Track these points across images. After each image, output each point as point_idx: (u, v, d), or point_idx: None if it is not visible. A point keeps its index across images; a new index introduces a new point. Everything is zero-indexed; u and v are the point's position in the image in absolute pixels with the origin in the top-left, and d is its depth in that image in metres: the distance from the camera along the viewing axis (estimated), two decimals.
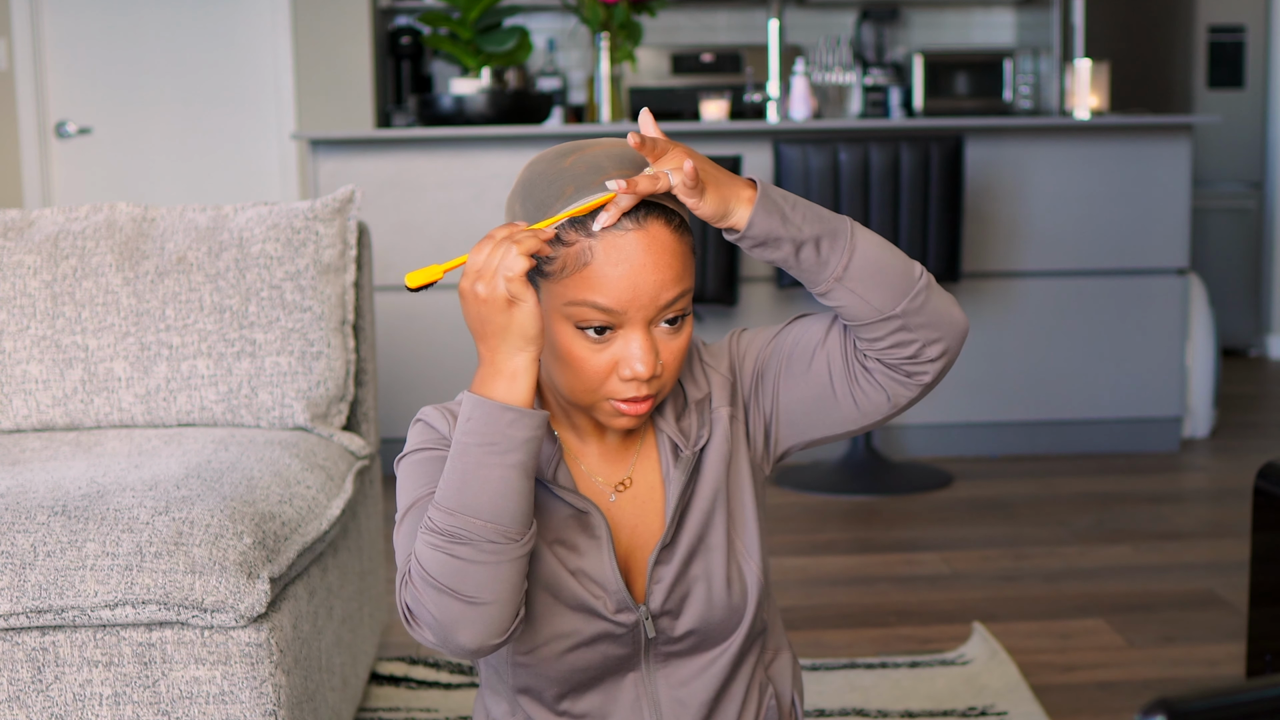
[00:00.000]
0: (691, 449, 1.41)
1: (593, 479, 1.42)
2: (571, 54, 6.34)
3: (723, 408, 1.43)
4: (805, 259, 1.32)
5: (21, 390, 2.27)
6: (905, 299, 1.33)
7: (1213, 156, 6.17)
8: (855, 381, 1.39)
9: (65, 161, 5.65)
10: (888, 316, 1.33)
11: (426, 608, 1.28)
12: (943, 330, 1.36)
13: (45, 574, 1.69)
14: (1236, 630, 2.85)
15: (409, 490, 1.38)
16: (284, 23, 5.62)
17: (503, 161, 4.24)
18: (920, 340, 1.35)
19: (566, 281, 1.30)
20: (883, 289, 1.33)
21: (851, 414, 1.41)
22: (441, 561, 1.26)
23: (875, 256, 1.33)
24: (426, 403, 4.25)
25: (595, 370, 1.32)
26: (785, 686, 1.51)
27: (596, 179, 1.30)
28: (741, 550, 1.43)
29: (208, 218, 2.35)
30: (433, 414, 1.41)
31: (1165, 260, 4.42)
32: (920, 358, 1.36)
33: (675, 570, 1.40)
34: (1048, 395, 4.45)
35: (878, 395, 1.39)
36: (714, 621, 1.42)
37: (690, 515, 1.42)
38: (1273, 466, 1.96)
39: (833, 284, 1.32)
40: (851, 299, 1.33)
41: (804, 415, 1.43)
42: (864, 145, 3.90)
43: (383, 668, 2.66)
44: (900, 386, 1.38)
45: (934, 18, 6.55)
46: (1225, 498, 3.98)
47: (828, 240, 1.32)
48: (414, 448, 1.40)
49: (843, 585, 3.20)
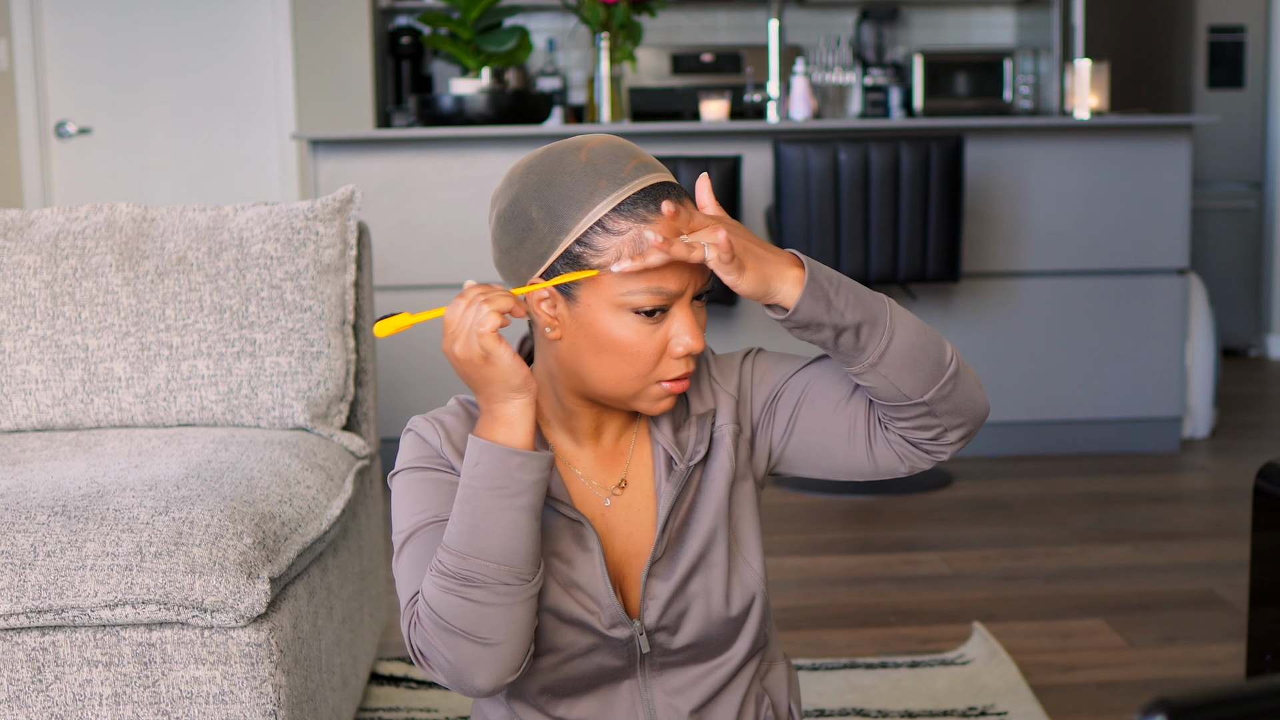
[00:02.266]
0: (685, 463, 1.41)
1: (588, 483, 1.42)
2: (571, 54, 6.34)
3: (728, 425, 1.43)
4: (844, 344, 1.33)
5: (21, 390, 2.27)
6: (935, 387, 1.35)
7: (1213, 156, 6.17)
8: (873, 444, 1.42)
9: (65, 161, 5.65)
10: (915, 402, 1.35)
11: (440, 651, 1.29)
12: (966, 416, 1.38)
13: (45, 574, 1.69)
14: (1236, 630, 2.85)
15: (404, 515, 1.39)
16: (284, 23, 5.62)
17: (503, 161, 4.24)
18: (944, 425, 1.38)
19: (612, 276, 1.31)
20: (914, 376, 1.34)
21: (865, 468, 1.44)
22: (454, 605, 1.27)
23: (911, 343, 1.34)
24: (426, 403, 4.26)
25: (649, 353, 1.33)
26: (781, 696, 1.51)
27: (625, 167, 1.31)
28: (744, 567, 1.43)
29: (208, 218, 2.35)
30: (423, 425, 1.41)
31: (1165, 260, 4.42)
32: (941, 440, 1.39)
33: (673, 587, 1.40)
34: (1047, 395, 4.45)
35: (894, 461, 1.42)
36: (713, 635, 1.42)
37: (692, 532, 1.41)
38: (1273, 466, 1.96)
39: (866, 369, 1.34)
40: (882, 383, 1.35)
41: (815, 457, 1.45)
42: (864, 145, 3.90)
43: (383, 668, 2.66)
44: (914, 458, 1.41)
45: (934, 18, 6.55)
46: (1225, 498, 3.98)
47: (868, 326, 1.32)
48: (406, 465, 1.40)
49: (843, 585, 3.20)
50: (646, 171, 1.32)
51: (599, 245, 1.30)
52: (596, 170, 1.31)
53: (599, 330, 1.32)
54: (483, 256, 4.25)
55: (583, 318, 1.33)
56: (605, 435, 1.43)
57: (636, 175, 1.31)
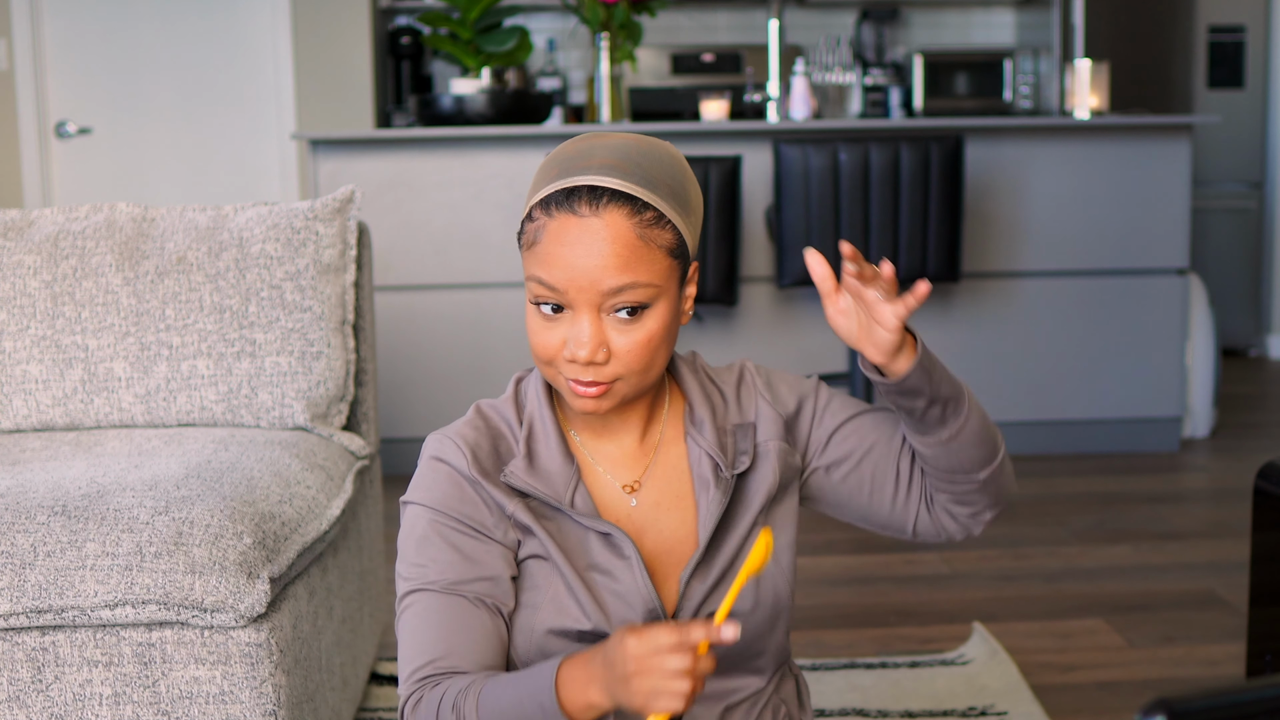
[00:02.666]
0: (730, 470, 1.41)
1: (612, 482, 1.42)
2: (571, 54, 6.34)
3: (773, 441, 1.44)
4: (931, 416, 1.37)
5: (21, 390, 2.26)
6: (990, 467, 1.42)
7: (1213, 156, 6.17)
8: (919, 512, 1.48)
9: (65, 161, 5.65)
10: (969, 478, 1.42)
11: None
12: (1001, 498, 1.46)
13: (45, 574, 1.69)
14: (1236, 630, 2.85)
15: (412, 559, 1.37)
16: (284, 23, 5.62)
17: (503, 161, 4.24)
18: (984, 504, 1.45)
19: (527, 255, 1.34)
20: (977, 454, 1.41)
21: (902, 528, 1.49)
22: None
23: (980, 427, 1.40)
24: (426, 403, 4.26)
25: (545, 345, 1.34)
26: (795, 708, 1.51)
27: (576, 165, 1.32)
28: (777, 576, 1.43)
29: (208, 218, 2.35)
30: (447, 448, 1.39)
31: (1165, 260, 4.42)
32: (978, 518, 1.47)
33: (708, 589, 1.40)
34: (1047, 395, 4.45)
35: (931, 530, 1.49)
36: (740, 642, 1.41)
37: (727, 537, 1.42)
38: (1273, 466, 1.96)
39: (943, 442, 1.39)
40: (949, 458, 1.40)
41: (856, 502, 1.49)
42: (864, 145, 3.89)
43: (383, 668, 2.66)
44: (953, 531, 1.48)
45: (934, 18, 6.55)
46: (1225, 498, 3.98)
47: (954, 404, 1.37)
48: (424, 503, 1.38)
49: (843, 585, 3.20)
50: (584, 173, 1.31)
51: (526, 227, 1.35)
52: (557, 159, 1.35)
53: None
54: (482, 256, 4.25)
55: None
56: (625, 432, 1.42)
57: (567, 175, 1.32)
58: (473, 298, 4.27)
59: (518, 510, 1.37)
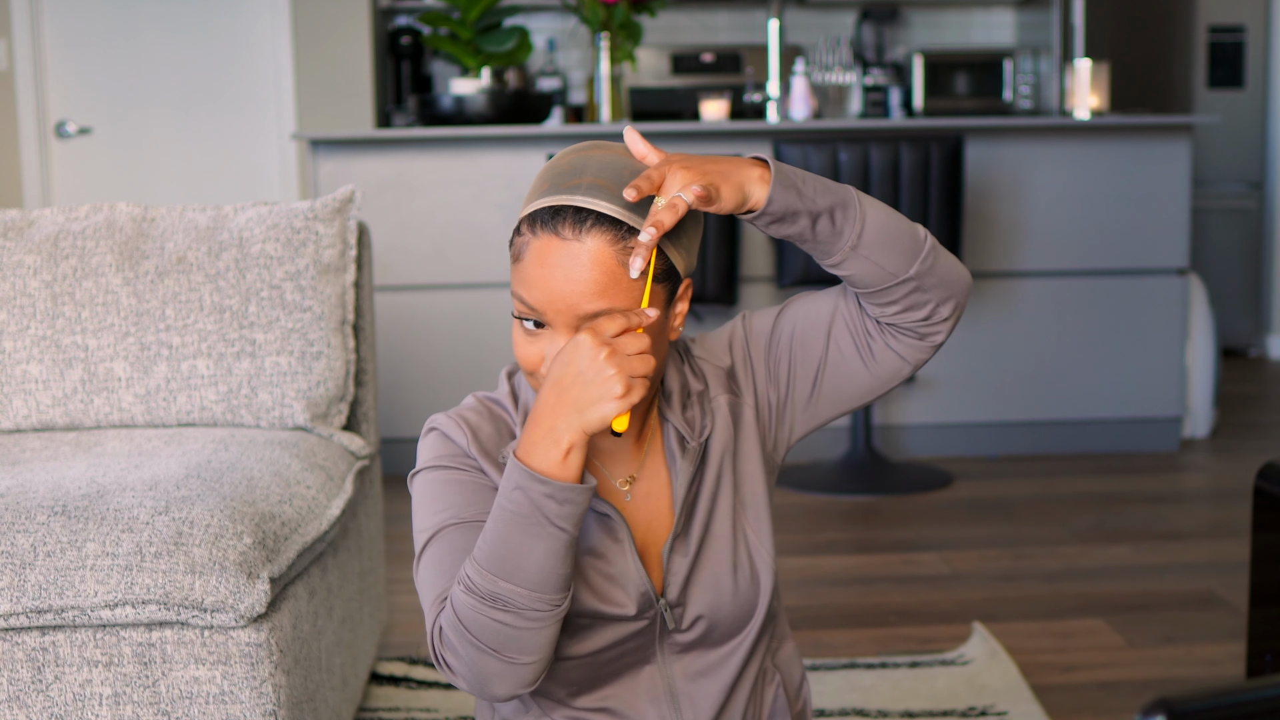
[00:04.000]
0: (697, 439, 1.42)
1: (609, 477, 1.43)
2: (571, 54, 6.34)
3: (720, 396, 1.44)
4: (821, 230, 1.32)
5: (21, 390, 2.26)
6: (917, 261, 1.35)
7: (1213, 156, 6.17)
8: (870, 350, 1.41)
9: (65, 161, 5.65)
10: (902, 280, 1.35)
11: (463, 660, 1.29)
12: (953, 288, 1.38)
13: (45, 574, 1.69)
14: (1236, 630, 2.85)
15: (426, 514, 1.38)
16: (284, 23, 5.62)
17: (502, 161, 4.24)
18: (934, 300, 1.38)
19: (512, 269, 1.34)
20: (895, 253, 1.34)
21: (869, 383, 1.44)
22: (483, 625, 1.27)
23: (884, 222, 1.34)
24: (426, 403, 4.26)
25: (527, 358, 1.34)
26: (791, 673, 1.52)
27: (565, 182, 1.31)
28: (752, 539, 1.44)
29: (208, 218, 2.35)
30: (446, 423, 1.40)
31: (1165, 260, 4.42)
32: (934, 318, 1.39)
33: (689, 561, 1.41)
34: (1048, 395, 4.45)
35: (894, 360, 1.42)
36: (723, 608, 1.42)
37: (700, 507, 1.42)
38: (1273, 466, 1.96)
39: (848, 253, 1.33)
40: (866, 266, 1.34)
41: (821, 390, 1.45)
42: (864, 145, 3.89)
43: (383, 668, 2.66)
44: (914, 350, 1.41)
45: (934, 18, 6.55)
46: (1225, 498, 3.98)
47: (840, 210, 1.32)
48: (429, 464, 1.39)
49: (843, 585, 3.20)
50: (572, 193, 1.29)
51: (514, 240, 1.34)
52: (550, 172, 1.33)
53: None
54: (482, 256, 4.25)
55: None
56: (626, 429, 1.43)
57: (556, 192, 1.30)
58: (472, 298, 4.27)
59: None
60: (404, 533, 3.48)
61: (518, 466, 1.25)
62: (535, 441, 1.26)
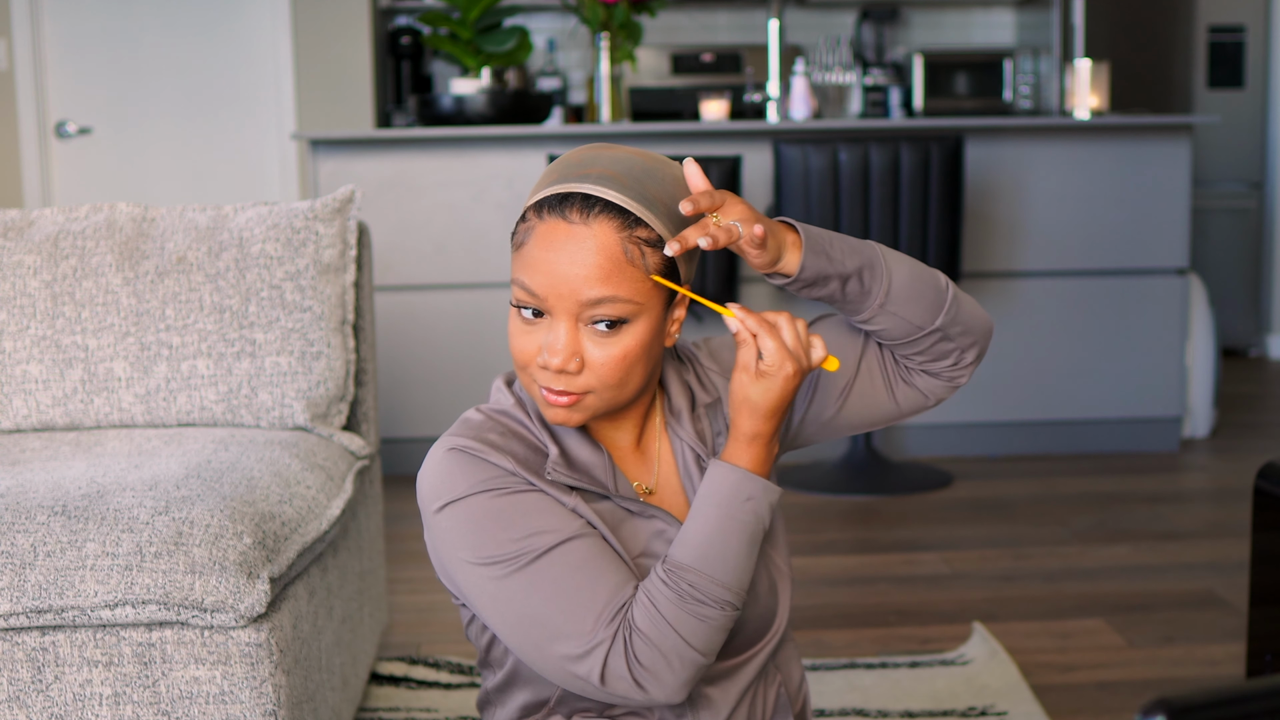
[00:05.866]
0: (709, 452, 1.42)
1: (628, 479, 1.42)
2: (571, 54, 6.34)
3: None
4: (850, 291, 1.36)
5: (21, 390, 2.27)
6: (942, 313, 1.40)
7: (1213, 156, 6.17)
8: (894, 387, 1.46)
9: (65, 161, 5.65)
10: (929, 331, 1.40)
11: (658, 660, 1.29)
12: (976, 334, 1.44)
13: (45, 574, 1.69)
14: (1236, 630, 2.85)
15: (491, 542, 1.30)
16: (284, 23, 5.62)
17: (502, 161, 4.24)
18: (959, 348, 1.43)
19: (514, 256, 1.33)
20: (921, 307, 1.39)
21: (891, 412, 1.48)
22: (689, 622, 1.30)
23: (909, 276, 1.38)
24: (426, 403, 4.26)
25: (522, 350, 1.33)
26: (791, 672, 1.52)
27: (575, 171, 1.33)
28: (769, 549, 1.44)
29: (208, 218, 2.35)
30: (476, 446, 1.34)
31: (1165, 260, 4.42)
32: (959, 364, 1.44)
33: None
34: (1048, 395, 4.45)
35: (917, 396, 1.47)
36: (746, 619, 1.42)
37: None
38: (1273, 466, 1.96)
39: (877, 310, 1.38)
40: (894, 321, 1.39)
41: (842, 413, 1.48)
42: (864, 145, 3.90)
43: (383, 668, 2.66)
44: (938, 389, 1.46)
45: (934, 18, 6.55)
46: (1225, 498, 3.98)
47: (868, 270, 1.36)
48: (474, 490, 1.32)
49: (843, 585, 3.20)
50: (582, 181, 1.30)
51: (518, 228, 1.34)
52: (560, 165, 1.34)
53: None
54: (482, 256, 4.25)
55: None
56: (622, 436, 1.42)
57: (565, 180, 1.31)
58: (472, 297, 4.27)
59: (578, 504, 1.34)
60: (404, 533, 3.48)
61: (748, 476, 1.32)
62: (756, 450, 1.34)
